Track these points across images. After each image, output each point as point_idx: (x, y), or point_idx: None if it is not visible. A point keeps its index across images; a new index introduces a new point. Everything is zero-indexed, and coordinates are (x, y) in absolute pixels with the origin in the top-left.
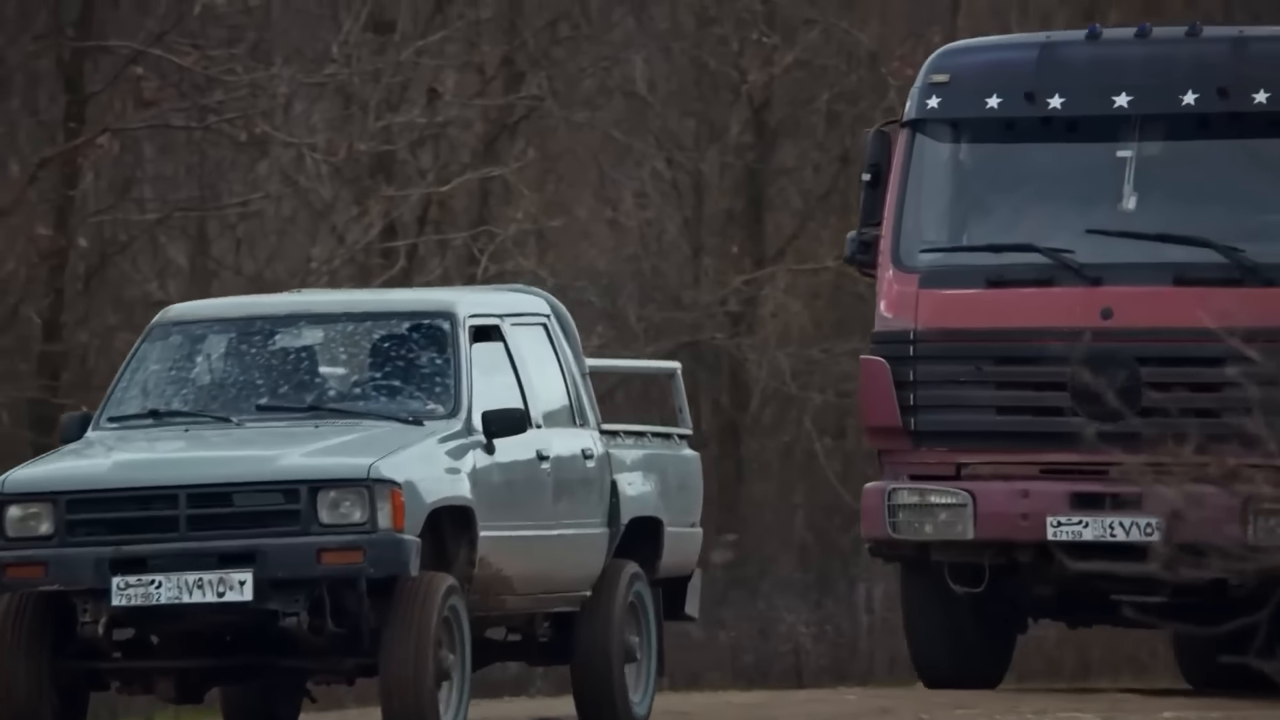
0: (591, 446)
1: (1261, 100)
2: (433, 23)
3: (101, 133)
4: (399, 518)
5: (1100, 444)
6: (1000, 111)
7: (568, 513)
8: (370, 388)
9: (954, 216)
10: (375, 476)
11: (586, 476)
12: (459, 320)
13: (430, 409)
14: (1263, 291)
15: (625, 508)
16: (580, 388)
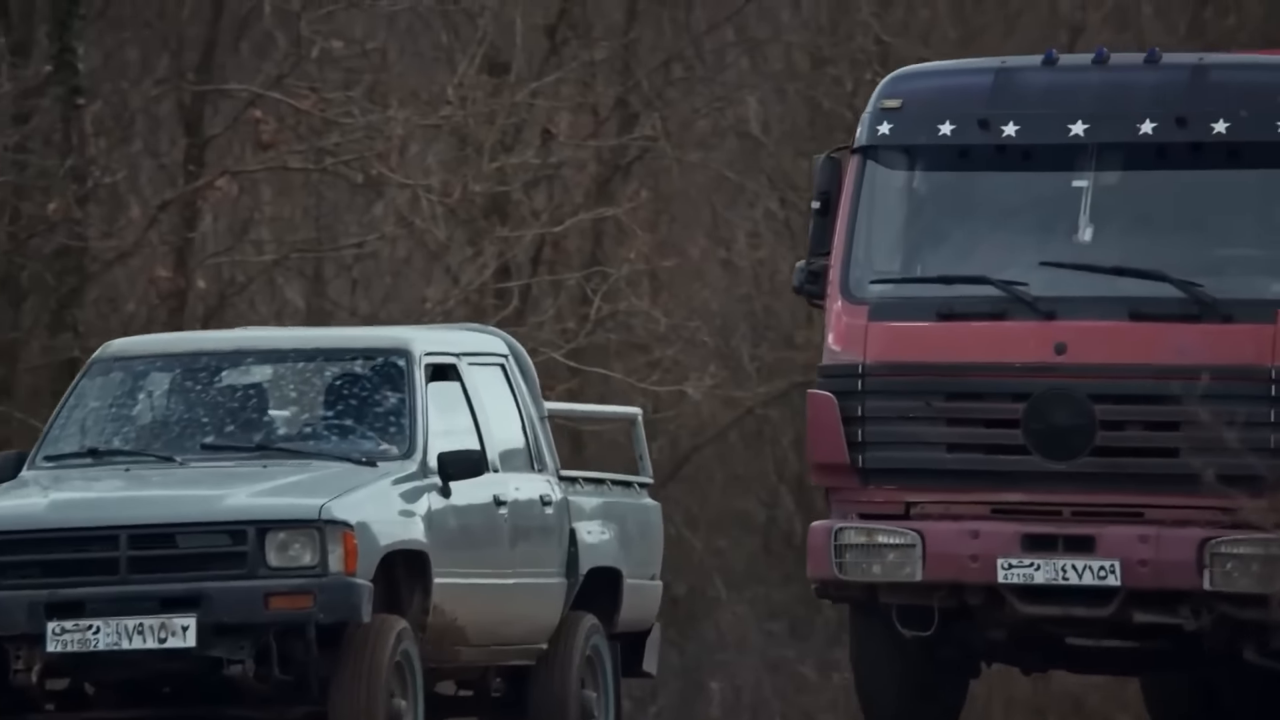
0: (550, 492)
1: (1220, 130)
2: (547, 64)
3: (220, 175)
4: (351, 561)
5: (1053, 483)
6: (953, 139)
7: (525, 561)
8: (321, 427)
9: (905, 247)
10: (327, 518)
11: (545, 524)
12: (414, 358)
13: (384, 450)
14: (1221, 328)
15: (584, 557)
16: (538, 431)
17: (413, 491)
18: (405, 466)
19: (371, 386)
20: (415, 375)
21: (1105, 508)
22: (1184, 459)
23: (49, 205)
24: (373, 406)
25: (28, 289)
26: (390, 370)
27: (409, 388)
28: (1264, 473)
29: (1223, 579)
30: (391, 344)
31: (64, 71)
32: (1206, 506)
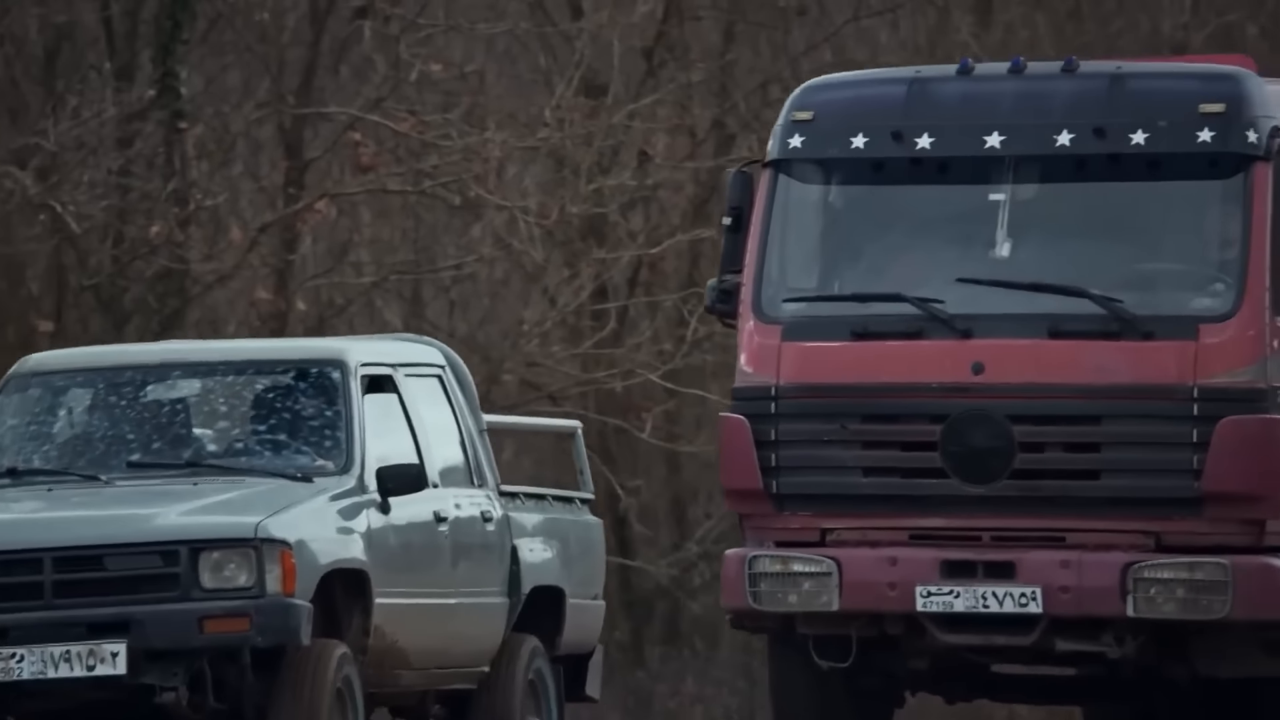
0: (491, 508)
1: (1139, 141)
2: (644, 86)
3: (320, 198)
4: (289, 581)
5: (972, 508)
6: (866, 151)
7: (466, 580)
8: (254, 442)
9: (819, 263)
10: (263, 536)
11: (486, 541)
12: (350, 369)
13: (320, 465)
14: (1141, 345)
15: (526, 576)
16: (478, 445)
17: (351, 508)
18: (342, 482)
19: (305, 399)
20: (351, 387)
21: (1026, 532)
22: (1105, 481)
23: (151, 228)
24: (307, 420)
25: (131, 311)
26: (324, 382)
27: (344, 400)
28: (1187, 494)
29: (1146, 605)
30: (325, 355)
31: (167, 96)
32: (1129, 530)
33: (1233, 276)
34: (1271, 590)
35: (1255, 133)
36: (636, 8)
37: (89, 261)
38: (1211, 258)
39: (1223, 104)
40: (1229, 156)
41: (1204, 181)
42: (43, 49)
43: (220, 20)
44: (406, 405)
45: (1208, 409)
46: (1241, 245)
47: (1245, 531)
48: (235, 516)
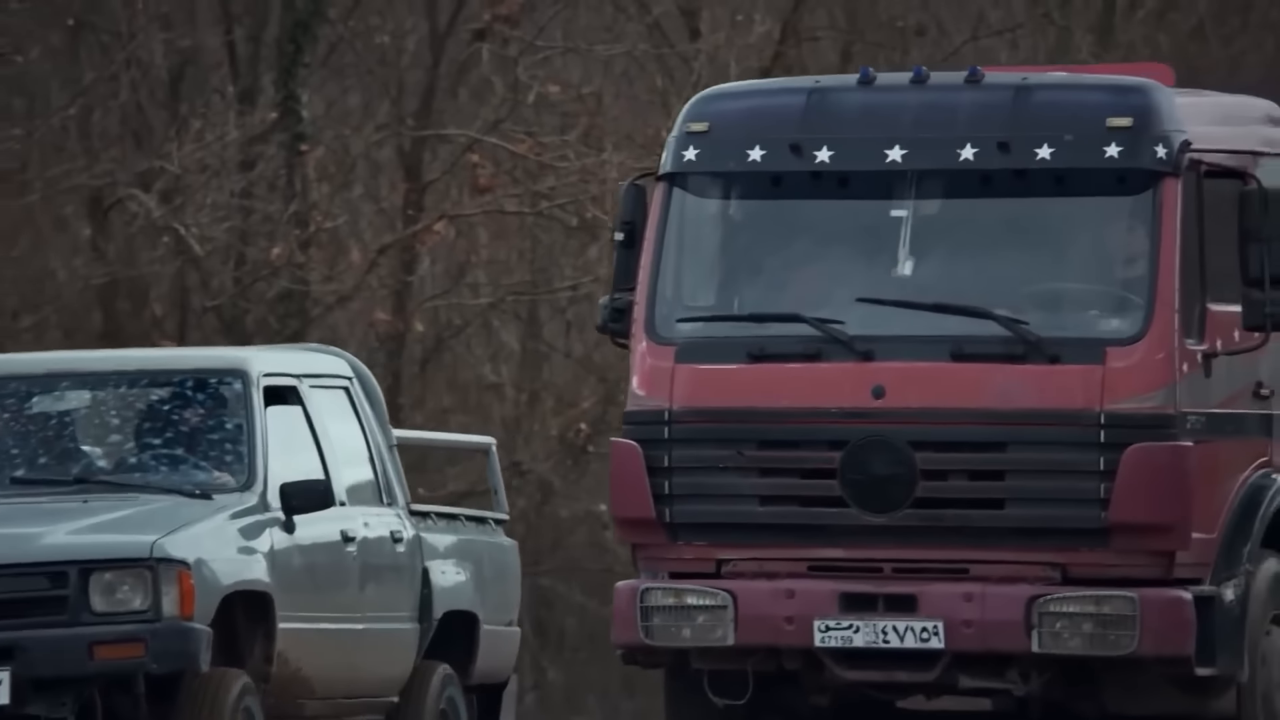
0: (401, 528)
1: (1045, 156)
2: None
3: (439, 219)
4: (187, 603)
5: (872, 538)
6: (764, 165)
7: (375, 604)
8: (149, 457)
9: (714, 282)
10: (159, 555)
11: (396, 563)
12: (252, 380)
13: (220, 481)
14: (1047, 369)
15: (438, 600)
16: (387, 461)
17: (253, 527)
18: (244, 499)
19: (204, 412)
20: (253, 398)
21: (928, 564)
22: (1010, 511)
23: (273, 250)
24: (206, 434)
25: (252, 332)
26: (225, 393)
27: (246, 412)
28: (1094, 525)
29: (1052, 640)
30: (225, 365)
31: (288, 118)
32: (1035, 562)
33: (1141, 297)
34: (1180, 625)
35: (1164, 148)
36: (754, 29)
37: (211, 283)
38: (1120, 278)
39: (1131, 118)
40: (1137, 172)
41: (1111, 198)
42: (167, 73)
43: (341, 44)
44: (312, 418)
45: (1115, 435)
46: (1150, 265)
47: (1154, 563)
48: (128, 535)
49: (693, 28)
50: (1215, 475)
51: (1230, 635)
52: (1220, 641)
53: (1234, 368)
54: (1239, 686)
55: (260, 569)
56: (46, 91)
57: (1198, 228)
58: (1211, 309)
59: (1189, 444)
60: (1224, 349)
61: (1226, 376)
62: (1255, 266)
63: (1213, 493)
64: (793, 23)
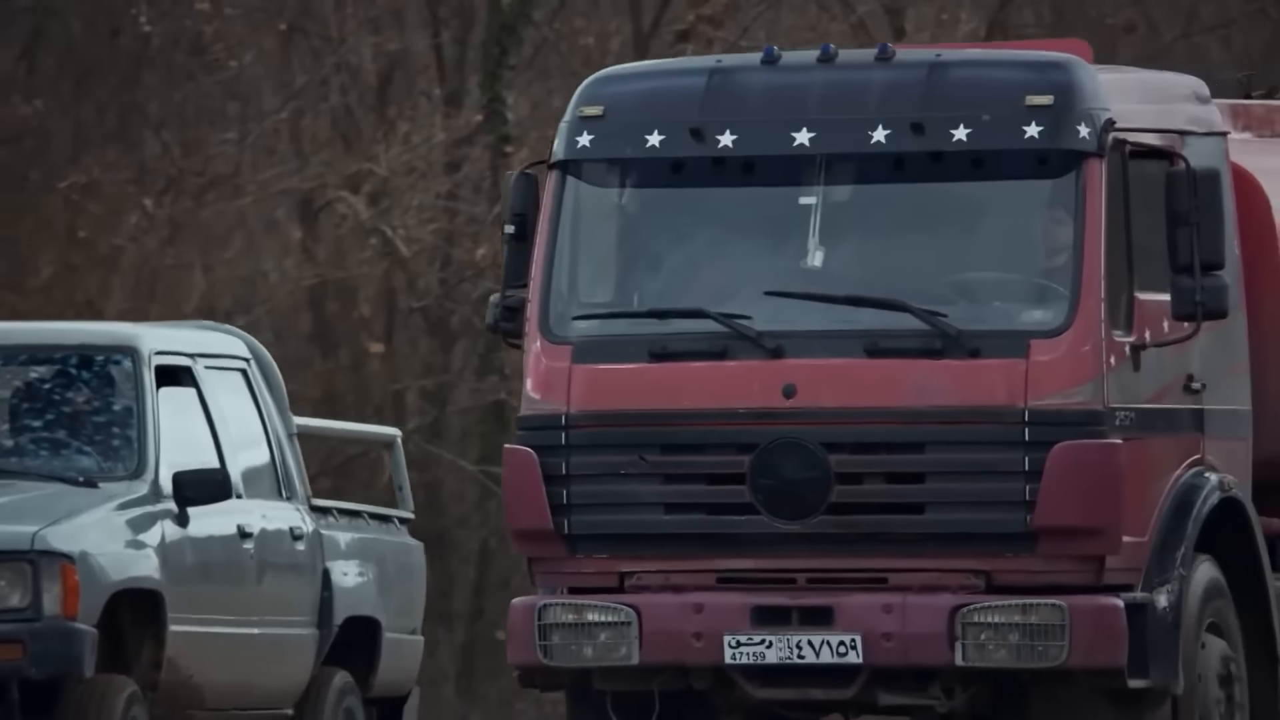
0: (301, 524)
1: (962, 137)
2: None
3: None
4: (71, 601)
5: (785, 547)
6: (663, 151)
7: (272, 606)
8: (27, 441)
9: (612, 277)
10: (41, 548)
11: (295, 562)
12: (143, 358)
13: (107, 468)
14: (967, 364)
15: (339, 604)
16: (286, 450)
17: (143, 519)
18: (133, 488)
19: (90, 392)
20: (144, 379)
21: (845, 574)
22: (931, 515)
23: (477, 251)
24: (92, 416)
25: (457, 333)
26: (112, 372)
27: (137, 393)
28: (1019, 529)
29: (976, 653)
30: (113, 341)
31: (493, 120)
32: (957, 570)
33: (1065, 286)
34: (1112, 634)
35: (1087, 126)
36: (960, 27)
37: (417, 284)
38: (1042, 266)
39: (1051, 95)
40: (1058, 153)
41: (1032, 181)
42: (376, 77)
43: (546, 46)
44: (207, 401)
45: (1040, 434)
46: (1074, 252)
47: (1083, 569)
48: (5, 525)
49: (897, 26)
50: (1146, 475)
51: (1164, 645)
52: (1154, 652)
53: (1164, 360)
54: (1174, 700)
55: (150, 565)
56: (259, 96)
57: (1124, 212)
58: (1139, 298)
59: (1118, 441)
60: (1153, 340)
61: (1156, 369)
62: (1184, 252)
63: (1143, 493)
64: (999, 20)
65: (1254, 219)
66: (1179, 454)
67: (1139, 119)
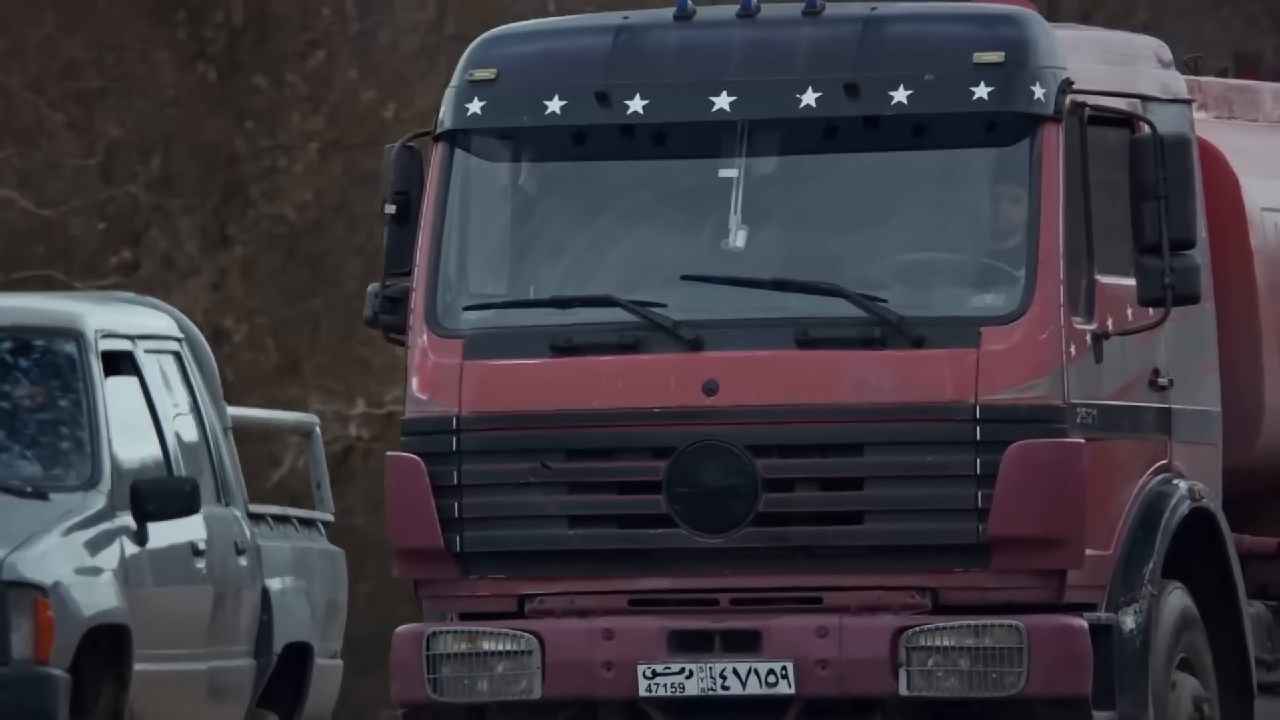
0: (244, 536)
1: (902, 100)
2: None
3: None
4: (43, 642)
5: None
6: (564, 118)
7: (219, 635)
8: None
9: (508, 261)
10: (9, 578)
11: (239, 581)
12: (88, 342)
13: (56, 475)
14: (911, 355)
15: (279, 630)
16: (224, 448)
17: (102, 537)
18: (88, 500)
19: (29, 383)
20: (91, 367)
21: (774, 593)
22: (870, 526)
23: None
24: (33, 413)
25: None
26: (54, 359)
27: (85, 385)
28: (970, 540)
29: (923, 681)
30: (53, 321)
31: None
32: (901, 587)
33: (1019, 267)
34: (1075, 659)
35: (1042, 87)
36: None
37: None
38: (993, 244)
39: (1001, 52)
40: (1010, 116)
41: (981, 149)
42: None
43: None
44: (151, 393)
45: (993, 432)
46: (1029, 228)
47: (1042, 585)
48: None
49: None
50: (1109, 480)
51: (1132, 673)
52: (1122, 679)
53: (1128, 352)
54: None
55: (115, 595)
56: None
57: (1083, 183)
58: (1100, 281)
59: (1081, 441)
60: (1116, 328)
61: (1120, 362)
62: (1151, 229)
63: (1106, 502)
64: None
65: (1221, 200)
66: (1144, 458)
67: (1098, 81)
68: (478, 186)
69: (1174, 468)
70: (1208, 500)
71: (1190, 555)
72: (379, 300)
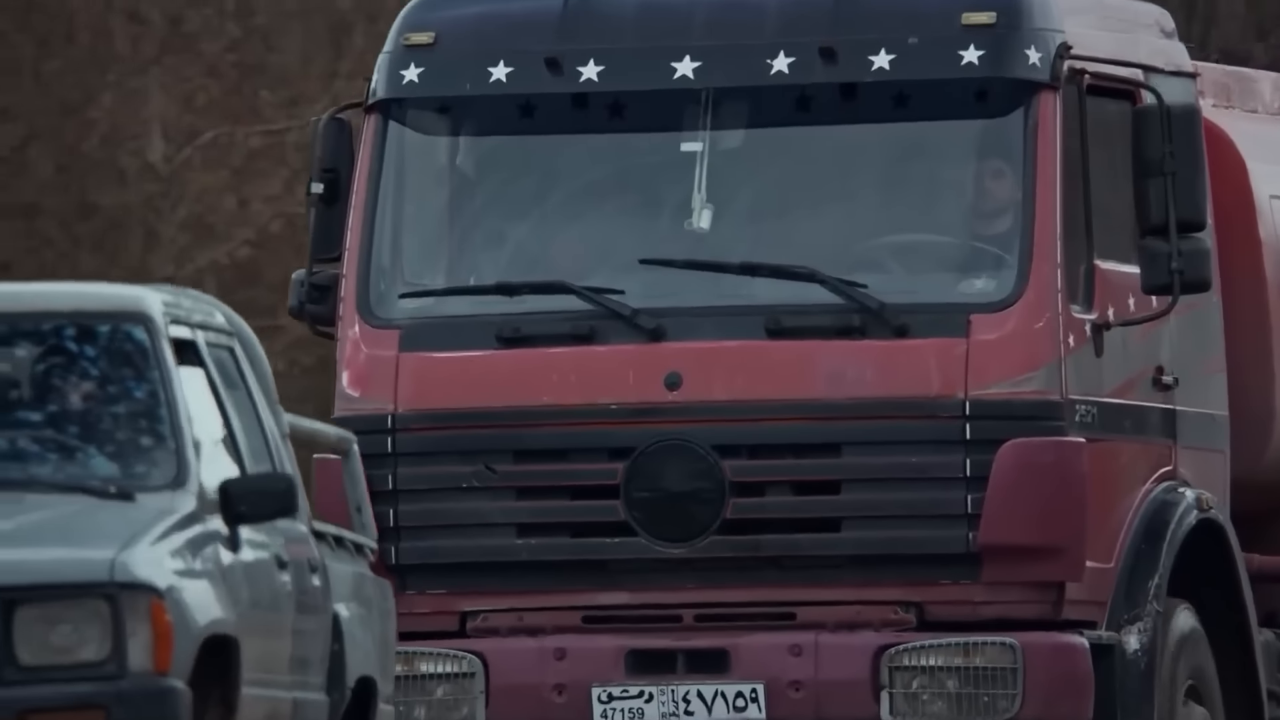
0: (314, 553)
1: (882, 65)
2: None
3: None
4: (162, 651)
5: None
6: (511, 86)
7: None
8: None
9: (449, 244)
10: (123, 579)
11: (315, 603)
12: (158, 328)
13: (139, 474)
14: (892, 345)
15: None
16: (284, 455)
17: (198, 542)
18: (177, 501)
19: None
20: (164, 355)
21: (743, 608)
22: (849, 534)
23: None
24: (106, 406)
25: None
26: (123, 346)
27: (160, 373)
28: (958, 549)
29: (907, 705)
30: (119, 305)
31: None
32: (883, 601)
33: (1012, 249)
34: (1075, 680)
35: (1038, 51)
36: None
37: None
38: (984, 225)
39: (993, 13)
40: (1003, 83)
41: (971, 120)
42: None
43: None
44: (218, 388)
45: (984, 430)
46: (1023, 206)
47: (1039, 600)
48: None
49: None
50: (1110, 486)
51: (1137, 697)
52: (1125, 704)
53: (1130, 345)
54: None
55: (223, 604)
56: None
57: (1081, 158)
58: (1100, 266)
59: (1080, 440)
60: (1118, 318)
61: (1121, 356)
62: (1157, 209)
63: (1107, 509)
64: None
65: (1228, 185)
66: (1148, 463)
67: (1097, 47)
68: (414, 162)
69: (1179, 475)
70: (1216, 511)
71: (1197, 571)
72: (305, 289)
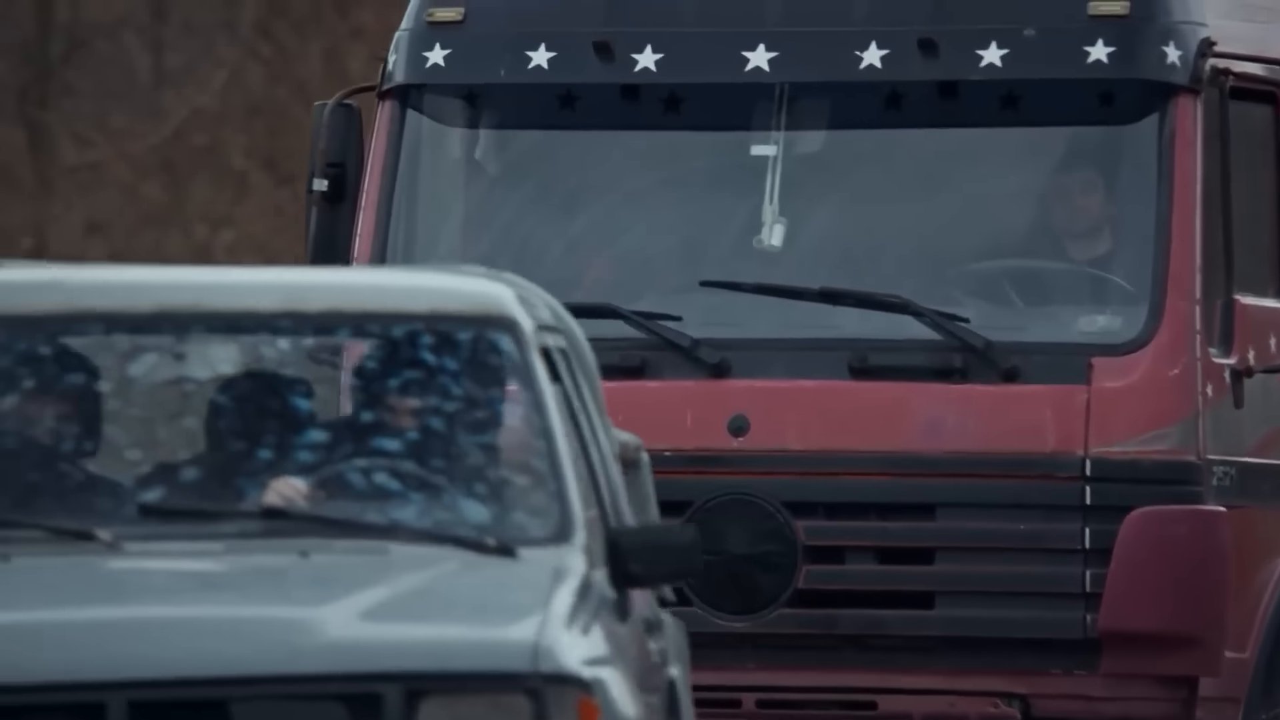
0: (653, 610)
1: (993, 61)
2: None
3: None
4: None
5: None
6: (553, 74)
7: None
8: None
9: (475, 254)
10: (548, 669)
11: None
12: (527, 339)
13: (516, 523)
14: (1000, 390)
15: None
16: (618, 485)
17: (599, 614)
18: (567, 559)
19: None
20: (536, 372)
21: (815, 693)
22: (942, 611)
23: None
24: (474, 435)
25: None
26: (489, 360)
27: (534, 396)
28: (1074, 633)
29: None
30: (480, 308)
31: None
32: (982, 692)
33: (1143, 281)
34: None
35: (1177, 49)
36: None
37: None
38: (1109, 250)
39: (1127, 2)
40: (1135, 85)
41: (1095, 127)
42: None
43: None
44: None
45: (1107, 494)
46: (1157, 230)
47: (1166, 696)
48: (478, 625)
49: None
50: (1248, 561)
51: None
52: None
53: (1272, 394)
54: None
55: (634, 695)
56: None
57: (1222, 175)
58: (1241, 301)
59: (1221, 509)
60: (1260, 363)
61: (1262, 408)
62: None
63: (1244, 589)
64: None
65: None
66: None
67: (1239, 42)
68: (436, 157)
69: None
70: None
71: None
72: None
